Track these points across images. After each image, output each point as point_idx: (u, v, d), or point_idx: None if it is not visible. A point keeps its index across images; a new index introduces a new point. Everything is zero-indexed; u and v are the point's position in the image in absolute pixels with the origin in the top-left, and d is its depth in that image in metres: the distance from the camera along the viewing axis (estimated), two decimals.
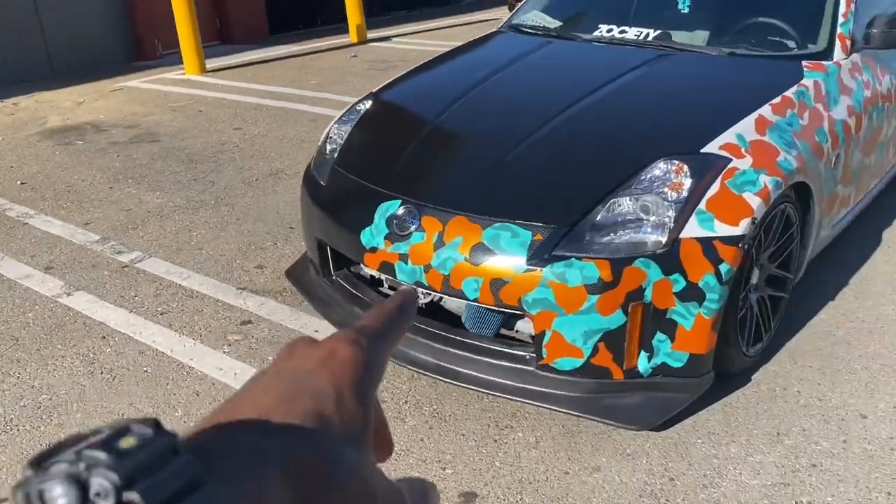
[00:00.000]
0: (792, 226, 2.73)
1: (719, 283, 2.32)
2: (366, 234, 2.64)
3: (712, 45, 3.46)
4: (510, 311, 2.48)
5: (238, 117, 6.34)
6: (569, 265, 2.30)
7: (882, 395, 2.59)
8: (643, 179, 2.44)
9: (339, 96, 6.84)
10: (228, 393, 2.70)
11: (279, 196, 4.54)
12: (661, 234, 2.33)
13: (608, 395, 2.42)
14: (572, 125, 2.82)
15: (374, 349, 0.40)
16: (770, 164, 2.53)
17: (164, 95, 7.26)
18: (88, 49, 8.75)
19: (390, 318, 0.43)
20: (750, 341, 2.66)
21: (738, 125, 2.65)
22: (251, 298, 3.35)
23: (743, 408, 2.55)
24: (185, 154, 5.42)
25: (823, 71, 3.11)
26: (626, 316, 2.31)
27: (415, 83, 3.53)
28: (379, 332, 0.41)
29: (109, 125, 6.30)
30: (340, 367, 0.37)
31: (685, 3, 3.74)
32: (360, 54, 8.89)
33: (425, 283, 2.51)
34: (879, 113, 3.37)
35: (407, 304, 0.45)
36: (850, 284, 3.32)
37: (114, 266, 3.71)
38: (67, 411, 2.64)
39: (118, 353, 2.97)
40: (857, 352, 2.84)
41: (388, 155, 2.90)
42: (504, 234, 2.40)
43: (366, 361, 0.39)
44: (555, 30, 3.87)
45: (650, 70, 3.19)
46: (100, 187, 4.83)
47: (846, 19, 3.31)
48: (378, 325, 0.42)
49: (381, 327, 0.42)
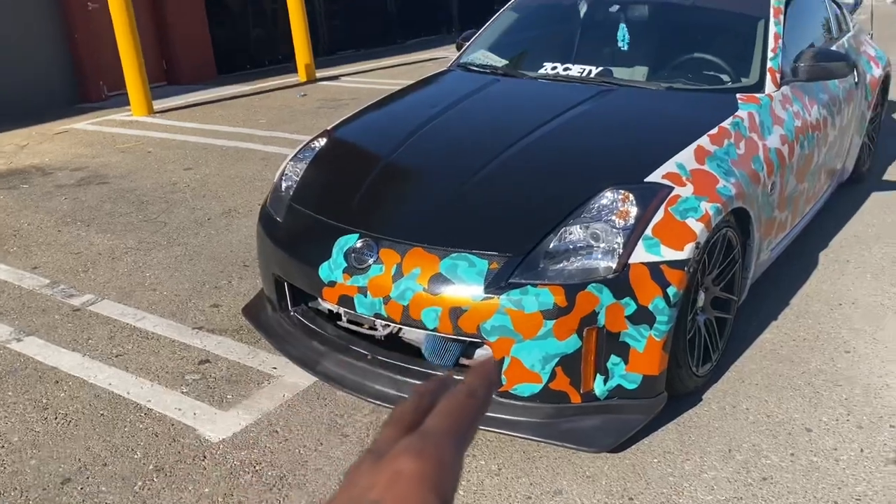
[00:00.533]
0: (733, 250, 2.86)
1: (668, 306, 2.42)
2: (324, 268, 2.67)
3: (651, 80, 3.63)
4: (469, 340, 2.54)
5: (188, 157, 6.32)
6: (525, 292, 2.37)
7: (825, 409, 2.71)
8: (592, 208, 2.54)
9: (290, 135, 6.87)
10: (189, 433, 2.68)
11: (232, 235, 4.54)
12: (611, 260, 2.42)
13: (566, 419, 2.48)
14: (522, 158, 2.92)
15: (444, 454, 0.36)
16: (710, 191, 2.66)
17: (112, 137, 7.20)
18: (31, 92, 8.62)
19: (462, 409, 0.39)
20: (699, 362, 2.76)
21: (679, 155, 2.78)
22: (208, 337, 3.33)
23: (695, 426, 2.64)
24: (135, 195, 5.37)
25: (757, 103, 3.29)
26: (581, 340, 2.39)
27: (369, 120, 3.61)
28: (449, 430, 0.38)
29: (55, 168, 6.21)
30: (408, 489, 0.35)
31: (625, 41, 3.91)
32: (310, 93, 8.96)
33: (385, 315, 2.55)
34: (810, 141, 3.56)
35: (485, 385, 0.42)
36: (791, 305, 3.47)
37: (65, 310, 3.66)
38: (21, 458, 2.58)
39: (72, 397, 2.93)
40: (800, 369, 2.97)
41: (345, 190, 2.95)
42: (461, 263, 2.47)
43: (436, 474, 0.35)
44: (502, 68, 4.00)
45: (594, 105, 3.33)
46: (47, 231, 4.75)
47: (775, 54, 3.52)
48: (448, 422, 0.38)
49: (451, 424, 0.38)
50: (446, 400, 0.40)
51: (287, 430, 2.68)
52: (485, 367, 0.43)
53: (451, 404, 0.40)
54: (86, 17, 8.93)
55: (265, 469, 2.49)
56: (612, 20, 4.08)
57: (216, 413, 2.79)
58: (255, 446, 2.60)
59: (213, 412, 2.80)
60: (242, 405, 2.83)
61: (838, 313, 3.38)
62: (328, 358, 2.78)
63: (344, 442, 2.61)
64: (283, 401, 2.85)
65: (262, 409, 2.80)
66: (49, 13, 8.75)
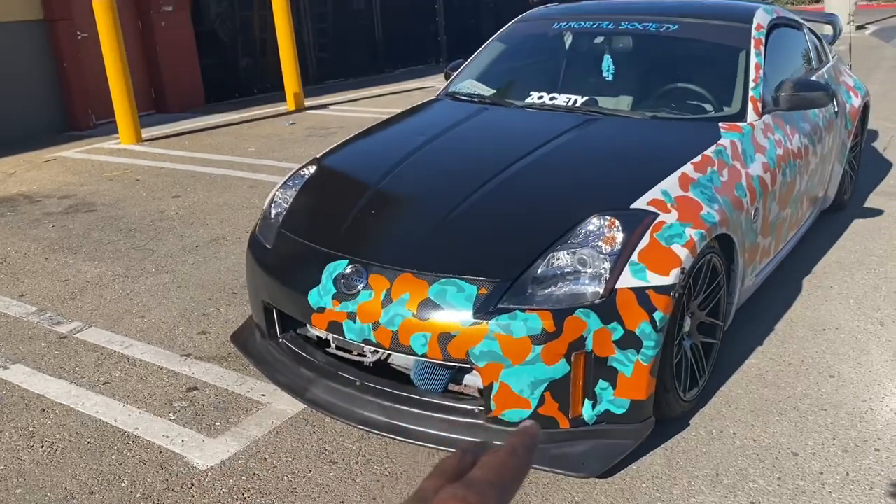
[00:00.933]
0: (718, 275, 2.90)
1: (655, 331, 2.45)
2: (313, 294, 2.68)
3: (636, 109, 3.69)
4: (458, 365, 2.55)
5: (176, 185, 6.33)
6: (513, 317, 2.40)
7: (811, 433, 2.74)
8: (579, 234, 2.58)
9: (278, 162, 6.91)
10: (177, 461, 2.66)
11: (220, 262, 4.54)
12: (598, 286, 2.45)
13: (555, 445, 2.49)
14: (510, 185, 2.96)
15: (488, 500, 0.37)
16: (694, 217, 2.71)
17: (100, 165, 7.20)
18: (19, 120, 8.63)
19: (503, 465, 0.40)
20: (686, 387, 2.78)
21: (664, 182, 2.83)
22: (196, 365, 3.32)
23: (683, 451, 2.66)
24: (124, 223, 5.37)
25: (739, 131, 3.35)
26: (569, 365, 2.40)
27: (358, 148, 3.64)
28: (492, 481, 0.39)
29: (43, 196, 6.21)
30: None
31: (609, 71, 3.98)
32: (298, 121, 9.02)
33: (374, 341, 2.56)
34: (792, 169, 3.63)
35: (525, 446, 0.43)
36: (776, 330, 3.51)
37: (52, 337, 3.64)
38: (7, 487, 2.55)
39: (59, 425, 2.91)
40: (785, 393, 2.99)
41: (334, 217, 2.98)
42: (450, 289, 2.49)
43: None
44: (489, 97, 4.07)
45: (580, 133, 3.38)
46: (35, 258, 4.74)
47: (756, 84, 3.59)
48: (491, 474, 0.39)
49: (494, 476, 0.39)
50: (488, 456, 0.42)
51: (276, 458, 2.67)
52: (527, 431, 0.46)
53: (493, 460, 0.42)
54: (75, 46, 8.98)
55: (254, 497, 2.47)
56: (596, 51, 4.17)
57: (204, 440, 2.78)
58: (244, 473, 2.59)
59: (201, 439, 2.78)
60: (231, 432, 2.82)
61: (822, 338, 3.42)
62: (317, 385, 2.78)
63: (333, 468, 2.60)
64: (272, 428, 2.84)
65: (250, 436, 2.79)
66: (39, 42, 8.80)
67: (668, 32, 3.94)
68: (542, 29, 4.52)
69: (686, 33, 3.94)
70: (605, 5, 4.63)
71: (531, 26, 4.59)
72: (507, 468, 0.41)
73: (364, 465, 2.63)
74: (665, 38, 3.97)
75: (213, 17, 10.73)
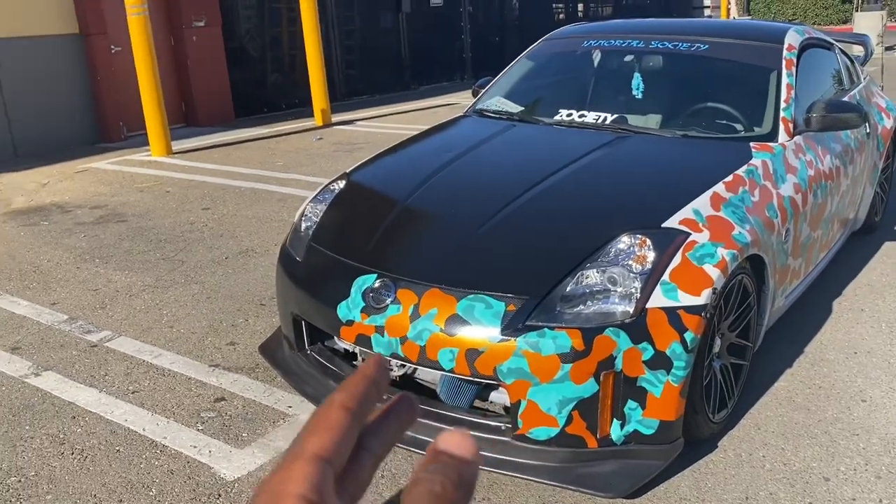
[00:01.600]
0: (749, 296, 2.88)
1: (685, 351, 2.43)
2: (342, 307, 2.70)
3: (666, 128, 3.69)
4: (485, 382, 2.55)
5: (206, 197, 6.41)
6: (542, 335, 2.39)
7: (843, 458, 2.69)
8: (609, 253, 2.57)
9: (306, 177, 6.97)
10: (204, 471, 2.68)
11: (249, 274, 4.59)
12: (629, 305, 2.44)
13: (583, 464, 2.47)
14: (539, 202, 2.96)
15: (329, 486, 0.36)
16: (726, 237, 2.69)
17: (131, 177, 7.32)
18: (53, 131, 8.80)
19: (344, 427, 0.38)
20: (715, 408, 2.76)
21: (695, 202, 2.82)
22: (224, 375, 3.35)
23: (711, 473, 2.62)
24: (154, 234, 5.45)
25: (770, 151, 3.33)
26: (598, 384, 2.39)
27: (387, 163, 3.67)
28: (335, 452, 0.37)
29: (75, 206, 6.31)
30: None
31: (639, 89, 3.98)
32: (326, 137, 9.10)
33: (402, 355, 2.57)
34: (823, 190, 3.60)
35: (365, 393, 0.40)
36: (806, 353, 3.46)
37: (82, 345, 3.69)
38: (38, 493, 2.59)
39: (89, 432, 2.94)
40: (816, 417, 2.95)
41: (364, 231, 3.00)
42: (478, 305, 2.49)
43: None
44: (517, 114, 4.08)
45: (610, 151, 3.38)
46: (66, 267, 4.82)
47: (787, 104, 3.58)
48: (330, 443, 0.37)
49: (334, 446, 0.37)
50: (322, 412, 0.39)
51: None
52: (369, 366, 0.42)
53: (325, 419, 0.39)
54: (108, 59, 9.15)
55: None
56: (626, 69, 4.17)
57: (231, 451, 2.80)
58: None
59: (228, 450, 2.80)
60: (258, 443, 2.84)
61: (854, 362, 3.37)
62: None
63: None
64: None
65: (277, 447, 2.81)
66: (73, 55, 8.98)
67: (698, 52, 3.94)
68: (570, 47, 4.53)
69: (716, 53, 3.93)
70: (634, 24, 4.64)
71: (560, 44, 4.61)
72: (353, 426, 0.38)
73: (389, 479, 2.63)
74: (695, 58, 3.96)
75: (244, 32, 10.89)
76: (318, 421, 0.38)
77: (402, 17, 13.46)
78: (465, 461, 0.39)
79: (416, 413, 0.43)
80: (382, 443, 0.41)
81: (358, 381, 0.40)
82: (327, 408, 0.39)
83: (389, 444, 0.41)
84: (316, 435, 0.37)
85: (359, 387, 0.40)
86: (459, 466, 0.38)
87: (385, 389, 0.42)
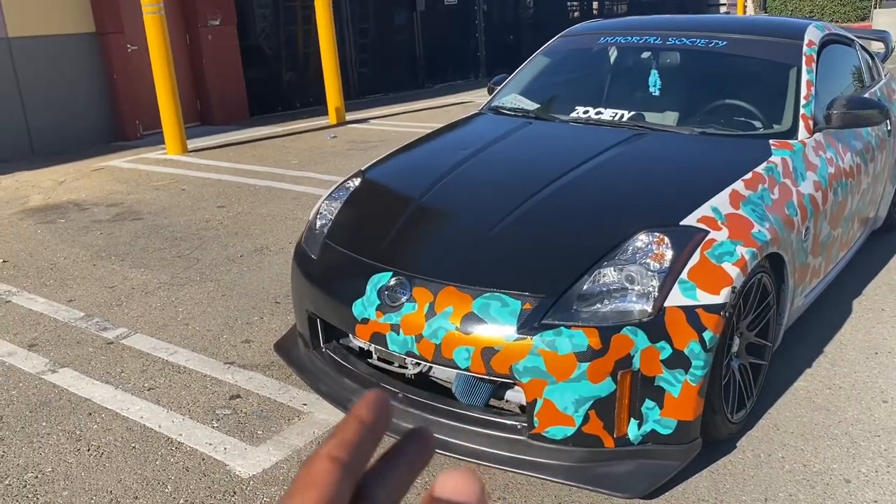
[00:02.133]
0: (768, 295, 2.84)
1: (704, 351, 2.40)
2: (357, 305, 2.69)
3: (684, 125, 3.65)
4: (501, 380, 2.53)
5: (221, 196, 6.43)
6: (558, 333, 2.37)
7: (864, 460, 2.65)
8: (626, 251, 2.54)
9: (321, 175, 6.98)
10: (219, 468, 2.68)
11: (264, 272, 4.59)
12: (647, 303, 2.41)
13: (600, 464, 2.45)
14: (556, 200, 2.94)
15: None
16: (745, 235, 2.66)
17: (147, 175, 7.35)
18: (70, 129, 8.87)
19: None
20: (734, 408, 2.72)
21: (714, 199, 2.78)
22: (239, 373, 3.35)
23: (730, 474, 2.59)
24: (169, 231, 5.46)
25: (790, 149, 3.29)
26: (615, 383, 2.37)
27: (402, 161, 3.66)
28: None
29: (91, 204, 6.35)
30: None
31: (656, 86, 3.95)
32: (340, 135, 9.11)
33: (417, 353, 2.56)
34: (843, 188, 3.55)
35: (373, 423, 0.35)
36: (825, 353, 3.42)
37: (99, 342, 3.70)
38: (54, 489, 2.59)
39: (105, 429, 2.95)
40: (836, 417, 2.91)
41: (379, 229, 2.99)
42: (494, 303, 2.47)
43: None
44: (533, 111, 4.05)
45: (627, 148, 3.35)
46: (83, 265, 4.84)
47: (807, 101, 3.53)
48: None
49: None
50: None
51: None
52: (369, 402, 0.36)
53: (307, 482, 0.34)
54: (125, 58, 9.20)
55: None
56: (643, 66, 4.14)
57: (246, 448, 2.80)
58: (286, 482, 2.60)
59: (243, 447, 2.80)
60: (273, 441, 2.83)
61: (874, 362, 3.32)
62: (359, 395, 2.78)
63: None
64: (314, 437, 2.84)
65: (292, 445, 2.80)
66: (90, 54, 9.03)
67: (716, 48, 3.89)
68: (587, 44, 4.50)
69: (735, 49, 3.89)
70: (651, 21, 4.60)
71: (576, 41, 4.58)
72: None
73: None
74: (713, 54, 3.92)
75: (259, 31, 10.91)
76: (301, 478, 0.33)
77: (417, 16, 13.45)
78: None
79: (431, 450, 0.37)
80: (391, 491, 0.35)
81: (349, 424, 0.34)
82: (312, 461, 0.33)
83: (400, 491, 0.36)
84: (297, 497, 0.32)
85: (350, 432, 0.34)
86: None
87: (384, 430, 0.36)
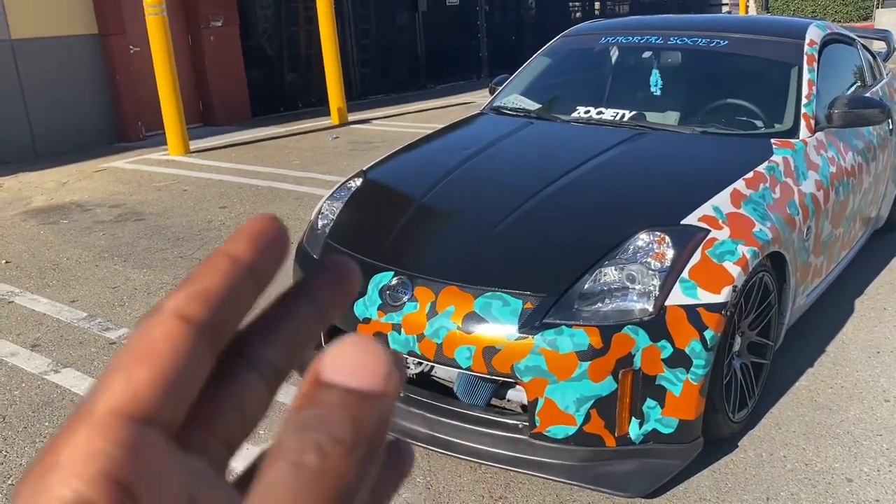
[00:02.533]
0: (770, 294, 2.84)
1: (705, 350, 2.40)
2: (359, 305, 2.69)
3: (685, 124, 3.65)
4: (502, 380, 2.53)
5: (223, 196, 6.44)
6: (559, 332, 2.37)
7: (866, 459, 2.65)
8: (627, 250, 2.55)
9: (323, 175, 6.98)
10: None
11: None
12: (648, 302, 2.41)
13: (601, 463, 2.45)
14: (557, 199, 2.94)
15: None
16: (746, 234, 2.66)
17: (149, 176, 7.36)
18: (72, 131, 8.88)
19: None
20: (735, 407, 2.72)
21: (715, 198, 2.78)
22: None
23: (732, 473, 2.59)
24: (171, 232, 5.47)
25: (791, 148, 3.29)
26: (616, 383, 2.37)
27: (404, 161, 3.66)
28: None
29: (94, 204, 6.36)
30: None
31: (657, 86, 3.95)
32: (342, 136, 9.12)
33: (418, 353, 2.56)
34: (845, 187, 3.55)
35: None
36: (827, 352, 3.42)
37: (101, 343, 3.71)
38: None
39: None
40: (838, 417, 2.91)
41: (380, 229, 2.99)
42: (495, 302, 2.47)
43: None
44: (535, 111, 4.06)
45: (628, 148, 3.35)
46: (85, 265, 4.85)
47: (809, 100, 3.53)
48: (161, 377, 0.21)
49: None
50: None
51: None
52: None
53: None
54: (127, 59, 9.22)
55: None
56: (644, 66, 4.14)
57: (247, 448, 2.79)
58: None
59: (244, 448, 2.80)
60: None
61: (876, 361, 3.32)
62: None
63: None
64: None
65: None
66: (92, 56, 9.05)
67: (717, 48, 3.89)
68: (588, 44, 4.50)
69: (736, 49, 3.89)
70: (652, 21, 4.60)
71: (577, 41, 4.58)
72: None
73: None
74: (715, 54, 3.92)
75: (261, 32, 10.93)
76: (132, 346, 0.22)
77: (419, 16, 13.46)
78: (366, 396, 0.22)
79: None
80: (283, 352, 0.24)
81: (213, 264, 0.23)
82: (152, 319, 0.22)
83: (295, 351, 0.25)
84: (121, 375, 0.21)
85: (213, 276, 0.23)
86: (353, 409, 0.22)
87: (272, 275, 0.25)
